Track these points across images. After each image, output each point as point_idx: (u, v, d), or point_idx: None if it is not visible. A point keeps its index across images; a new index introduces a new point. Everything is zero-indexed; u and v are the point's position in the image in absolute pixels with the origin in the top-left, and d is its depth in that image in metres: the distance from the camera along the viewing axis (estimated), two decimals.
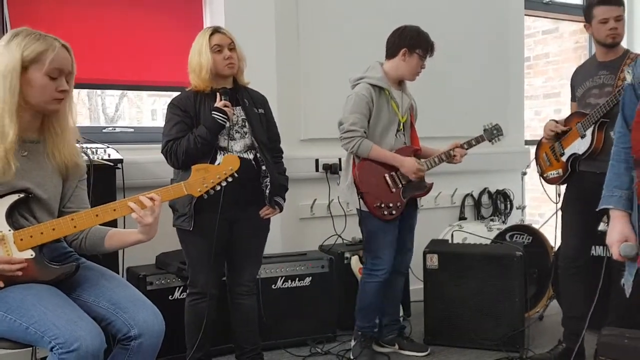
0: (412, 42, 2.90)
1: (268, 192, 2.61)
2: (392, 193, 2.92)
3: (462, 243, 3.56)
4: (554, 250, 3.45)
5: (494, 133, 3.10)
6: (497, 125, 3.11)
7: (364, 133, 2.86)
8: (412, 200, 3.01)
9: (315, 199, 3.77)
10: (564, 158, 2.88)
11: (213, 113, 2.49)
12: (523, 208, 4.29)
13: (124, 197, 1.86)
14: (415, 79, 3.00)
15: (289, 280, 3.23)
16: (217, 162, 2.48)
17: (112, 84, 3.58)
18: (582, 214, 2.75)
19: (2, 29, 3.00)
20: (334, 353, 3.14)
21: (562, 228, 2.91)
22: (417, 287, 3.64)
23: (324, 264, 3.30)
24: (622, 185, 1.75)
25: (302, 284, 3.24)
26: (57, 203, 1.90)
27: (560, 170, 2.91)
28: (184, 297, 2.71)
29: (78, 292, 1.85)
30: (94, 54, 3.22)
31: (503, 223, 4.01)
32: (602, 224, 2.98)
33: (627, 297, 1.72)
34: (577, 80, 2.89)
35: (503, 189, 4.45)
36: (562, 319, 2.93)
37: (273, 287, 3.19)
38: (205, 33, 2.56)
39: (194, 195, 1.89)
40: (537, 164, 3.10)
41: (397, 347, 3.15)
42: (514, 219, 4.28)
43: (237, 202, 2.52)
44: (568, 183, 2.92)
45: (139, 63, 3.42)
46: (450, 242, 3.61)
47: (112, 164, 2.78)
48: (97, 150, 2.84)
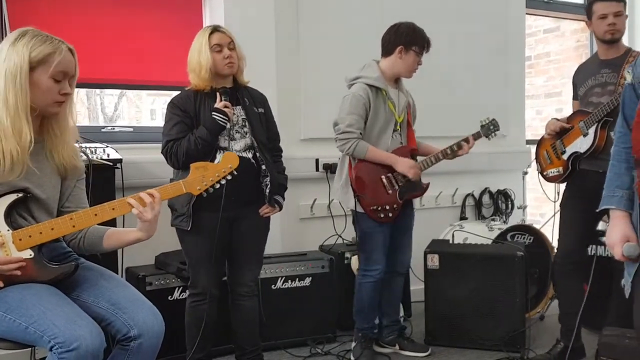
0: (407, 39, 2.88)
1: (268, 191, 2.60)
2: (388, 194, 2.91)
3: (463, 243, 3.55)
4: (555, 250, 3.44)
5: (491, 129, 3.06)
6: (493, 121, 3.06)
7: (360, 134, 2.84)
8: (407, 201, 3.00)
9: (316, 199, 3.76)
10: (565, 156, 2.87)
11: (213, 114, 2.48)
12: (524, 208, 4.28)
13: (123, 196, 1.84)
14: (413, 76, 2.98)
15: (289, 281, 3.22)
16: (216, 161, 2.46)
17: (111, 84, 3.58)
18: (582, 212, 2.74)
19: (1, 29, 2.99)
20: (334, 353, 3.13)
21: (560, 225, 2.90)
22: (417, 287, 3.63)
23: (324, 264, 3.29)
24: (623, 185, 1.75)
25: (302, 284, 3.24)
26: (55, 203, 1.89)
27: (561, 169, 2.90)
28: (184, 297, 2.71)
29: (77, 292, 1.85)
30: (93, 54, 3.21)
31: (504, 223, 4.00)
32: (602, 223, 2.98)
33: (627, 297, 1.71)
34: (579, 79, 2.89)
35: (504, 189, 4.45)
36: (558, 316, 2.93)
37: (273, 287, 3.18)
38: (205, 32, 2.55)
39: (194, 194, 1.88)
40: (537, 162, 3.08)
41: (397, 347, 3.14)
42: (515, 219, 4.26)
43: (237, 201, 2.51)
44: (568, 181, 2.91)
45: (138, 62, 3.41)
46: (451, 242, 3.60)
47: (111, 164, 2.77)
48: (96, 150, 2.83)
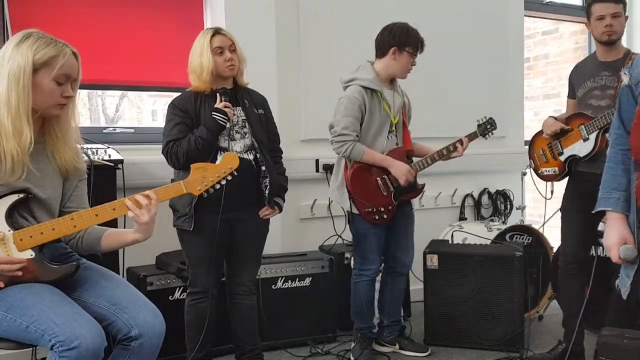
0: (401, 40, 2.87)
1: (267, 192, 2.61)
2: (383, 196, 2.91)
3: (462, 243, 3.56)
4: (554, 251, 3.45)
5: (488, 128, 3.05)
6: (490, 119, 3.05)
7: (356, 137, 2.84)
8: (405, 201, 3.01)
9: (316, 199, 3.77)
10: (562, 158, 2.87)
11: (213, 114, 2.49)
12: (523, 208, 4.29)
13: (124, 197, 1.85)
14: (407, 77, 2.97)
15: (289, 281, 3.23)
16: (217, 162, 2.47)
17: (112, 85, 3.58)
18: (582, 214, 2.74)
19: (2, 29, 3.00)
20: (334, 353, 3.14)
21: (562, 227, 2.90)
22: (417, 287, 3.64)
23: (324, 264, 3.30)
24: (619, 187, 1.74)
25: (302, 284, 3.25)
26: (57, 203, 1.90)
27: (557, 169, 2.90)
28: (184, 297, 2.71)
29: (78, 292, 1.85)
30: (95, 54, 3.22)
31: (503, 223, 4.01)
32: (602, 224, 2.98)
33: (624, 299, 1.72)
34: (577, 79, 2.86)
35: (503, 190, 4.45)
36: (562, 319, 2.93)
37: (273, 287, 3.19)
38: (206, 34, 2.55)
39: (194, 194, 1.89)
40: (530, 157, 3.06)
41: (397, 346, 3.15)
42: (514, 220, 4.28)
43: (237, 202, 2.52)
44: (568, 183, 2.91)
45: (139, 63, 3.42)
46: (451, 242, 3.61)
47: (112, 165, 2.78)
48: (97, 151, 2.84)
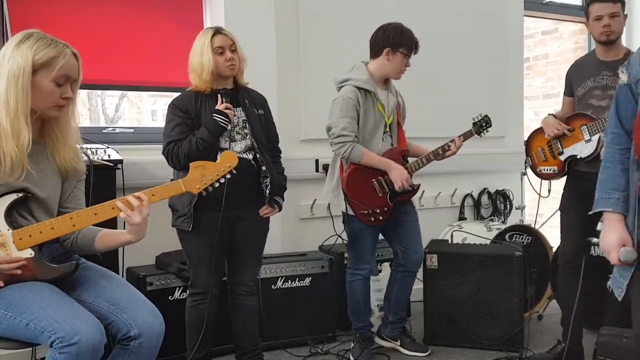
0: (394, 40, 2.87)
1: (268, 192, 2.61)
2: (379, 197, 2.91)
3: (461, 243, 3.57)
4: (553, 250, 3.45)
5: (483, 125, 3.05)
6: (485, 117, 3.05)
7: (355, 137, 2.84)
8: (404, 201, 3.01)
9: (316, 199, 3.77)
10: (562, 157, 2.86)
11: (214, 115, 2.49)
12: (522, 208, 4.29)
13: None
14: (406, 77, 2.97)
15: (289, 281, 3.23)
16: None
17: (112, 85, 3.58)
18: (581, 213, 2.73)
19: (2, 29, 3.00)
20: (334, 353, 3.14)
21: (561, 227, 2.90)
22: (417, 287, 3.62)
23: (324, 264, 3.30)
24: (618, 187, 1.71)
25: (302, 284, 3.25)
26: (56, 203, 1.90)
27: (556, 168, 2.90)
28: (184, 297, 2.72)
29: (78, 292, 1.86)
30: (94, 54, 3.22)
31: (502, 223, 4.01)
32: (600, 224, 2.97)
33: (619, 300, 1.70)
34: (576, 77, 2.84)
35: (502, 189, 4.45)
36: (561, 318, 2.93)
37: (273, 287, 3.19)
38: (207, 34, 2.55)
39: (193, 193, 1.89)
40: (527, 155, 3.06)
41: (399, 343, 3.14)
42: (514, 219, 4.28)
43: (237, 201, 2.52)
44: (567, 182, 2.91)
45: (139, 63, 3.42)
46: (450, 242, 3.62)
47: (112, 165, 2.78)
48: (97, 151, 2.84)
